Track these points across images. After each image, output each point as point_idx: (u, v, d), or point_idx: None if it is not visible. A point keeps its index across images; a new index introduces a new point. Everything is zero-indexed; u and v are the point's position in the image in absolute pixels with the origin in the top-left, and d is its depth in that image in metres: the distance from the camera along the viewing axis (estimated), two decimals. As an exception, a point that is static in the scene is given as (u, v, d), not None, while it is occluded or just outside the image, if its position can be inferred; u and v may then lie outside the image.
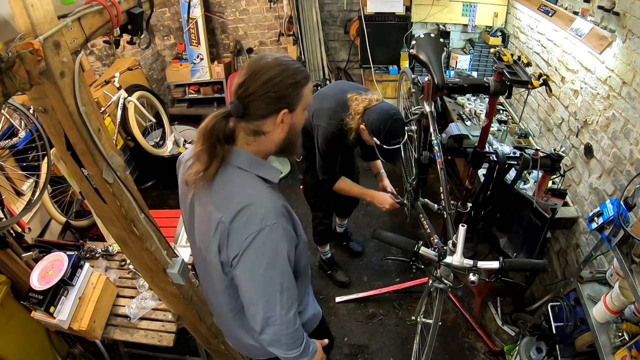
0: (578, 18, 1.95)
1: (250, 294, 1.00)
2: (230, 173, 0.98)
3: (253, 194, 0.97)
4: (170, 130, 3.69)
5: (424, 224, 2.01)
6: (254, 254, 0.94)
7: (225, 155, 0.97)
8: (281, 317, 1.01)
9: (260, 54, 0.97)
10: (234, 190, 0.97)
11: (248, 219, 0.93)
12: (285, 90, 0.93)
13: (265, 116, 0.95)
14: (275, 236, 0.94)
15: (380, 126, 1.67)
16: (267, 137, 0.99)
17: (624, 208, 1.33)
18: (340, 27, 3.92)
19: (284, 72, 0.93)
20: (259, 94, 0.92)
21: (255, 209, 0.94)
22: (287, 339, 1.05)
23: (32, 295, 1.64)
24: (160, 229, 1.31)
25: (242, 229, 0.93)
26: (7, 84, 0.70)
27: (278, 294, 0.99)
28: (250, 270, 0.96)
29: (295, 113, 0.99)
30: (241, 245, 0.93)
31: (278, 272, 0.97)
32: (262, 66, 0.92)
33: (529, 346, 1.93)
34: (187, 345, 2.10)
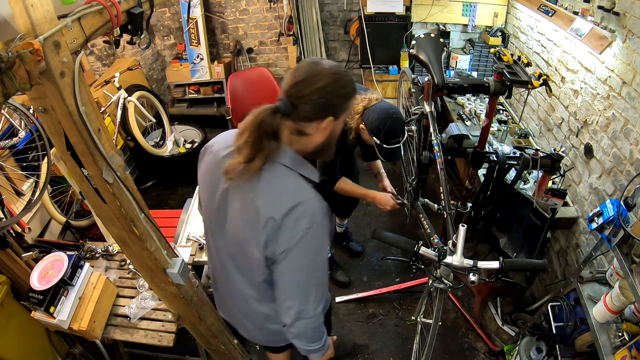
0: (578, 18, 1.95)
1: (290, 287, 1.04)
2: (277, 170, 1.00)
3: (303, 193, 1.00)
4: (170, 130, 3.69)
5: (424, 224, 2.01)
6: (303, 249, 0.98)
7: (272, 152, 0.98)
8: (312, 311, 1.06)
9: (316, 58, 0.99)
10: (283, 188, 0.99)
11: (299, 216, 0.96)
12: (336, 100, 0.97)
13: (311, 119, 0.97)
14: (321, 234, 1.00)
15: (380, 125, 1.67)
16: (308, 138, 1.01)
17: (624, 208, 1.33)
18: (340, 27, 3.91)
19: (338, 82, 0.96)
20: (311, 98, 0.94)
21: (306, 207, 0.97)
22: (312, 333, 1.11)
23: (32, 295, 1.64)
24: (160, 229, 1.31)
25: (292, 226, 0.96)
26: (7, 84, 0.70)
27: (314, 289, 1.05)
28: (296, 264, 1.00)
29: (338, 121, 1.02)
30: (290, 242, 0.97)
31: (319, 268, 1.04)
32: (319, 72, 0.94)
33: (529, 346, 1.93)
34: (187, 345, 2.10)
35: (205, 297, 1.72)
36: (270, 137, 0.97)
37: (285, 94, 0.96)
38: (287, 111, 0.95)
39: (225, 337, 1.88)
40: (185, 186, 3.58)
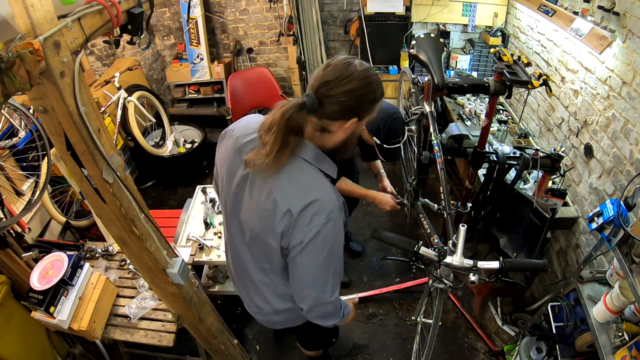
0: (578, 18, 1.95)
1: (306, 278, 1.08)
2: (298, 165, 1.01)
3: (321, 189, 1.02)
4: (170, 130, 3.69)
5: (424, 224, 2.01)
6: (319, 244, 1.01)
7: (296, 147, 1.00)
8: (328, 298, 1.12)
9: (348, 58, 0.98)
10: (302, 182, 1.01)
11: (316, 212, 0.98)
12: (363, 104, 0.98)
13: (336, 119, 0.98)
14: (337, 229, 1.02)
15: (380, 125, 1.67)
16: (330, 135, 1.02)
17: (624, 208, 1.33)
18: (340, 27, 3.91)
19: (368, 86, 0.97)
20: (340, 99, 0.95)
21: (323, 204, 0.99)
22: (330, 315, 1.19)
23: (32, 295, 1.64)
24: (160, 229, 1.32)
25: (309, 221, 0.98)
26: (7, 84, 0.70)
27: (331, 279, 1.09)
28: (312, 258, 1.04)
29: (361, 122, 1.03)
30: (306, 236, 0.99)
31: (335, 260, 1.07)
32: (351, 73, 0.94)
33: (529, 346, 1.93)
34: (187, 345, 2.10)
35: (205, 297, 1.73)
36: (295, 133, 0.98)
37: (313, 90, 0.96)
38: (313, 108, 0.96)
39: (225, 337, 1.88)
40: (185, 186, 3.58)
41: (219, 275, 2.41)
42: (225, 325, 1.93)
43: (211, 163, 3.93)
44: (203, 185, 2.54)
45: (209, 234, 2.23)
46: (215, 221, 2.31)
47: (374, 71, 1.01)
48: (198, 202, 2.45)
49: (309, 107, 0.96)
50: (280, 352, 2.30)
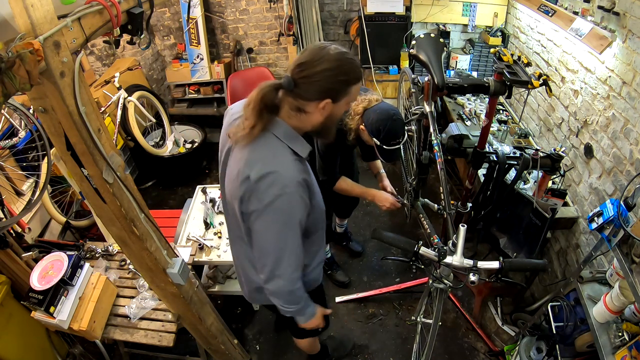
0: (578, 18, 1.95)
1: (263, 246, 1.14)
2: (268, 139, 1.08)
3: (281, 162, 1.07)
4: (170, 130, 3.69)
5: (424, 224, 2.01)
6: (272, 214, 1.06)
7: (268, 123, 1.07)
8: (286, 274, 1.16)
9: (325, 43, 1.05)
10: (266, 154, 1.07)
11: (272, 182, 1.04)
12: (334, 85, 1.03)
13: (310, 99, 1.04)
14: (292, 203, 1.07)
15: (380, 126, 1.67)
16: (307, 116, 1.08)
17: (624, 208, 1.33)
18: (340, 27, 3.91)
19: (339, 68, 1.01)
20: (311, 80, 1.01)
21: (280, 176, 1.04)
22: (287, 295, 1.22)
23: (32, 295, 1.64)
24: (160, 229, 1.32)
25: (265, 190, 1.04)
26: (7, 84, 0.70)
27: (287, 253, 1.13)
28: (267, 226, 1.09)
29: (338, 105, 1.08)
30: (261, 204, 1.05)
31: (290, 234, 1.11)
32: (322, 55, 1.00)
33: (529, 346, 1.93)
34: (187, 345, 2.10)
35: (205, 297, 1.73)
36: (270, 110, 1.06)
37: (290, 72, 1.03)
38: (289, 87, 1.03)
39: (225, 337, 1.88)
40: (185, 186, 3.58)
41: (219, 275, 2.41)
42: (225, 325, 1.93)
43: (211, 163, 3.93)
44: (203, 185, 2.54)
45: (209, 234, 2.23)
46: (215, 221, 2.31)
47: (350, 56, 1.05)
48: (198, 202, 2.45)
49: (285, 87, 1.03)
50: (280, 352, 2.30)
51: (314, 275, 1.45)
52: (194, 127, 3.86)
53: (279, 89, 1.05)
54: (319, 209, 1.26)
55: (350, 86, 1.06)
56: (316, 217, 1.25)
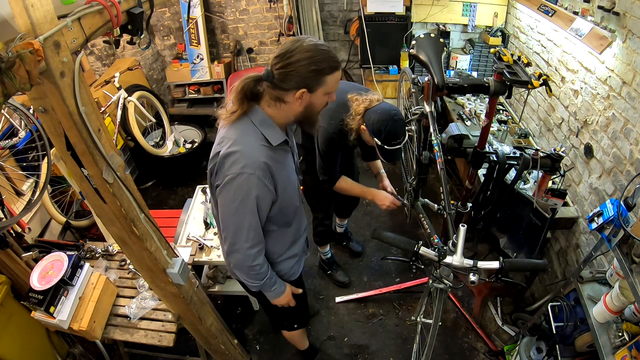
0: (578, 18, 1.95)
1: (223, 219, 1.23)
2: (243, 123, 1.17)
3: (248, 144, 1.15)
4: (170, 130, 3.69)
5: (424, 224, 2.01)
6: (232, 190, 1.15)
7: (248, 109, 1.17)
8: (244, 249, 1.24)
9: (302, 37, 1.15)
10: (237, 135, 1.16)
11: (234, 161, 1.13)
12: (308, 74, 1.09)
13: (287, 89, 1.12)
14: (250, 183, 1.14)
15: (381, 127, 1.67)
16: (286, 106, 1.16)
17: (624, 208, 1.33)
18: (340, 27, 3.91)
19: (310, 59, 1.07)
20: (287, 70, 1.08)
21: (242, 156, 1.13)
22: (246, 269, 1.29)
23: (32, 295, 1.64)
24: (160, 229, 1.32)
25: (228, 167, 1.14)
26: (7, 84, 0.70)
27: (245, 229, 1.21)
28: (226, 201, 1.18)
29: (315, 94, 1.14)
30: (223, 179, 1.15)
31: (247, 211, 1.18)
32: (295, 48, 1.07)
33: (529, 346, 1.93)
34: (187, 345, 2.10)
35: (205, 297, 1.73)
36: (249, 99, 1.15)
37: (270, 64, 1.12)
38: (268, 79, 1.11)
39: (225, 337, 1.88)
40: (185, 186, 3.58)
41: (219, 275, 2.41)
42: (225, 325, 1.93)
43: (211, 163, 3.93)
44: (203, 185, 2.54)
45: (209, 234, 2.23)
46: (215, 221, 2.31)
47: (324, 47, 1.11)
48: (198, 202, 2.45)
49: (265, 78, 1.12)
50: (280, 352, 2.30)
51: (285, 266, 1.49)
52: (194, 127, 3.86)
53: (259, 80, 1.14)
54: (288, 203, 1.31)
55: (324, 76, 1.11)
56: (285, 210, 1.32)
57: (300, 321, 1.83)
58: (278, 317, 1.79)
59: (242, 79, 1.14)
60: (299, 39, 1.10)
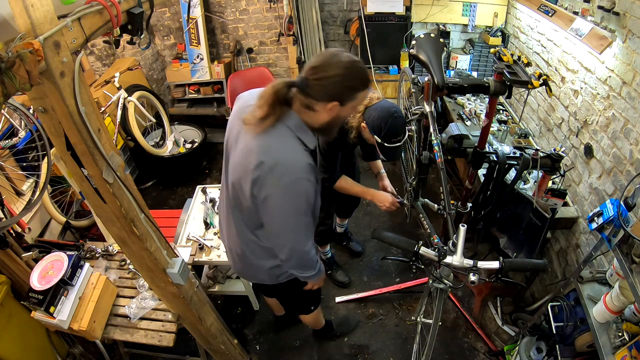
0: (578, 18, 1.95)
1: (280, 228, 1.26)
2: (280, 129, 1.17)
3: (291, 151, 1.18)
4: (170, 130, 3.69)
5: (424, 224, 2.01)
6: (288, 199, 1.17)
7: (282, 114, 1.17)
8: (303, 248, 1.31)
9: (338, 50, 1.15)
10: (279, 143, 1.17)
11: (285, 171, 1.14)
12: (342, 89, 1.13)
13: (319, 99, 1.14)
14: (304, 187, 1.18)
15: (382, 124, 1.67)
16: (315, 114, 1.18)
17: (624, 208, 1.33)
18: (340, 27, 3.91)
19: (346, 75, 1.11)
20: (321, 83, 1.11)
21: (291, 164, 1.15)
22: (306, 263, 1.37)
23: (32, 295, 1.64)
24: (160, 229, 1.32)
25: (278, 176, 1.14)
26: (7, 84, 0.70)
27: (303, 231, 1.28)
28: (283, 210, 1.20)
29: (344, 108, 1.18)
30: (275, 189, 1.15)
31: (303, 213, 1.23)
32: (333, 62, 1.11)
33: (529, 346, 1.93)
34: (187, 345, 2.10)
35: (205, 297, 1.73)
36: (282, 103, 1.16)
37: (304, 72, 1.14)
38: (302, 86, 1.14)
39: (225, 337, 1.88)
40: (185, 186, 3.58)
41: (219, 275, 2.41)
42: (225, 325, 1.93)
43: (211, 163, 3.93)
44: (203, 185, 2.54)
45: (209, 234, 2.23)
46: (215, 221, 2.31)
47: (360, 64, 1.15)
48: (198, 202, 2.45)
49: (298, 86, 1.14)
50: (280, 352, 2.30)
51: None
52: (194, 127, 3.86)
53: (291, 86, 1.15)
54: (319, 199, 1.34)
55: (357, 92, 1.16)
56: (317, 204, 1.34)
57: (317, 301, 1.90)
58: (299, 305, 1.88)
59: (272, 84, 1.14)
60: (337, 53, 1.13)
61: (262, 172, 1.14)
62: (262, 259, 1.44)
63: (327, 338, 2.31)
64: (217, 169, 3.86)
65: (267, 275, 1.49)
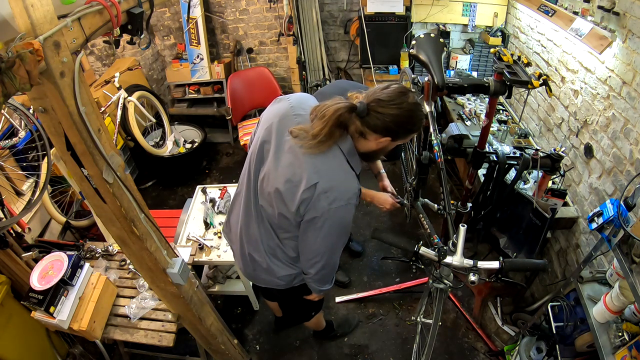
0: (578, 18, 1.95)
1: (319, 248, 1.27)
2: (335, 152, 1.18)
3: (347, 176, 1.19)
4: (170, 130, 3.69)
5: (424, 224, 2.01)
6: (335, 222, 1.20)
7: (339, 138, 1.18)
8: (333, 267, 1.38)
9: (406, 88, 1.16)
10: (334, 167, 1.18)
11: (337, 196, 1.15)
12: (401, 130, 1.17)
13: (374, 131, 1.16)
14: (349, 212, 1.20)
15: None
16: (365, 141, 1.20)
17: (624, 208, 1.33)
18: (340, 27, 3.91)
19: (411, 119, 1.15)
20: (384, 119, 1.13)
21: (346, 189, 1.17)
22: (327, 279, 1.44)
23: (32, 295, 1.64)
24: (160, 229, 1.31)
25: (332, 200, 1.15)
26: (7, 84, 0.70)
27: (338, 251, 1.34)
28: (328, 232, 1.22)
29: (394, 142, 1.21)
30: (325, 212, 1.16)
31: (344, 237, 1.29)
32: (402, 102, 1.13)
33: (529, 346, 1.93)
34: (187, 345, 2.10)
35: (205, 297, 1.72)
36: (342, 128, 1.17)
37: (368, 100, 1.14)
38: (362, 114, 1.14)
39: (225, 337, 1.88)
40: (185, 186, 3.58)
41: (219, 275, 2.41)
42: (225, 325, 1.93)
43: (211, 163, 3.93)
44: (203, 185, 2.54)
45: (209, 234, 2.23)
46: (215, 221, 2.31)
47: (421, 109, 1.19)
48: (198, 202, 2.45)
49: (358, 112, 1.14)
50: (280, 352, 2.30)
51: None
52: (194, 127, 3.86)
53: (352, 110, 1.14)
54: None
55: (411, 134, 1.22)
56: None
57: (319, 307, 1.92)
58: (302, 313, 1.91)
59: (335, 106, 1.12)
60: (405, 92, 1.14)
61: (314, 194, 1.15)
62: (281, 266, 1.43)
63: (328, 338, 2.32)
64: (217, 169, 3.86)
65: (283, 280, 1.47)
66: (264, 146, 1.26)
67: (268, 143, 1.25)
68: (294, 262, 1.42)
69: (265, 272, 1.46)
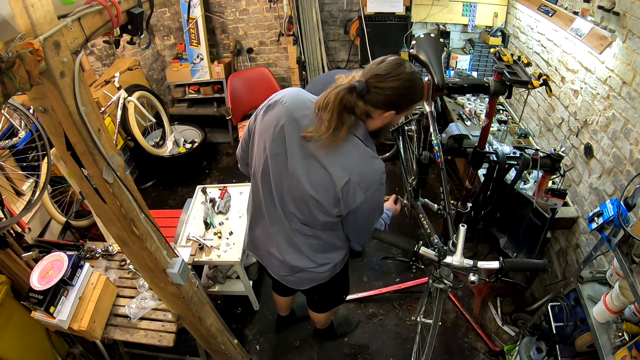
0: (578, 18, 1.95)
1: (365, 228, 1.37)
2: (354, 142, 1.17)
3: (373, 162, 1.19)
4: (170, 130, 3.69)
5: (424, 224, 2.01)
6: (374, 203, 1.25)
7: (352, 125, 1.16)
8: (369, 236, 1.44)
9: (401, 59, 1.14)
10: (359, 158, 1.17)
11: (372, 182, 1.19)
12: (403, 101, 1.14)
13: (377, 107, 1.13)
14: (383, 190, 1.25)
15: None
16: (370, 120, 1.18)
17: (624, 208, 1.33)
18: (340, 27, 3.91)
19: (410, 88, 1.12)
20: (385, 92, 1.10)
21: (375, 175, 1.19)
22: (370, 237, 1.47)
23: (32, 295, 1.64)
24: (160, 229, 1.31)
25: (366, 189, 1.18)
26: (7, 84, 0.70)
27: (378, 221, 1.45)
28: (369, 212, 1.29)
29: (398, 116, 1.19)
30: (363, 200, 1.20)
31: (382, 210, 1.38)
32: (399, 73, 1.10)
33: (529, 346, 1.93)
34: (187, 345, 2.10)
35: (205, 297, 1.72)
36: (350, 112, 1.13)
37: (365, 78, 1.11)
38: (362, 93, 1.11)
39: (225, 337, 1.88)
40: (185, 186, 3.58)
41: (219, 275, 2.41)
42: (225, 325, 1.93)
43: (211, 163, 3.93)
44: (203, 185, 2.54)
45: (209, 234, 2.23)
46: (215, 221, 2.31)
47: (420, 77, 1.15)
48: (198, 202, 2.45)
49: (358, 91, 1.10)
50: (280, 352, 2.30)
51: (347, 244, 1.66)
52: (194, 127, 3.86)
53: (352, 91, 1.10)
54: None
55: (414, 104, 1.18)
56: None
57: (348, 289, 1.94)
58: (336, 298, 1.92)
59: (335, 91, 1.10)
60: (401, 63, 1.12)
61: (349, 190, 1.17)
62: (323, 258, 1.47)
63: (328, 338, 2.31)
64: (217, 169, 3.86)
65: (327, 271, 1.53)
66: (277, 158, 1.22)
67: (282, 155, 1.21)
68: (335, 250, 1.50)
69: (308, 275, 1.50)
